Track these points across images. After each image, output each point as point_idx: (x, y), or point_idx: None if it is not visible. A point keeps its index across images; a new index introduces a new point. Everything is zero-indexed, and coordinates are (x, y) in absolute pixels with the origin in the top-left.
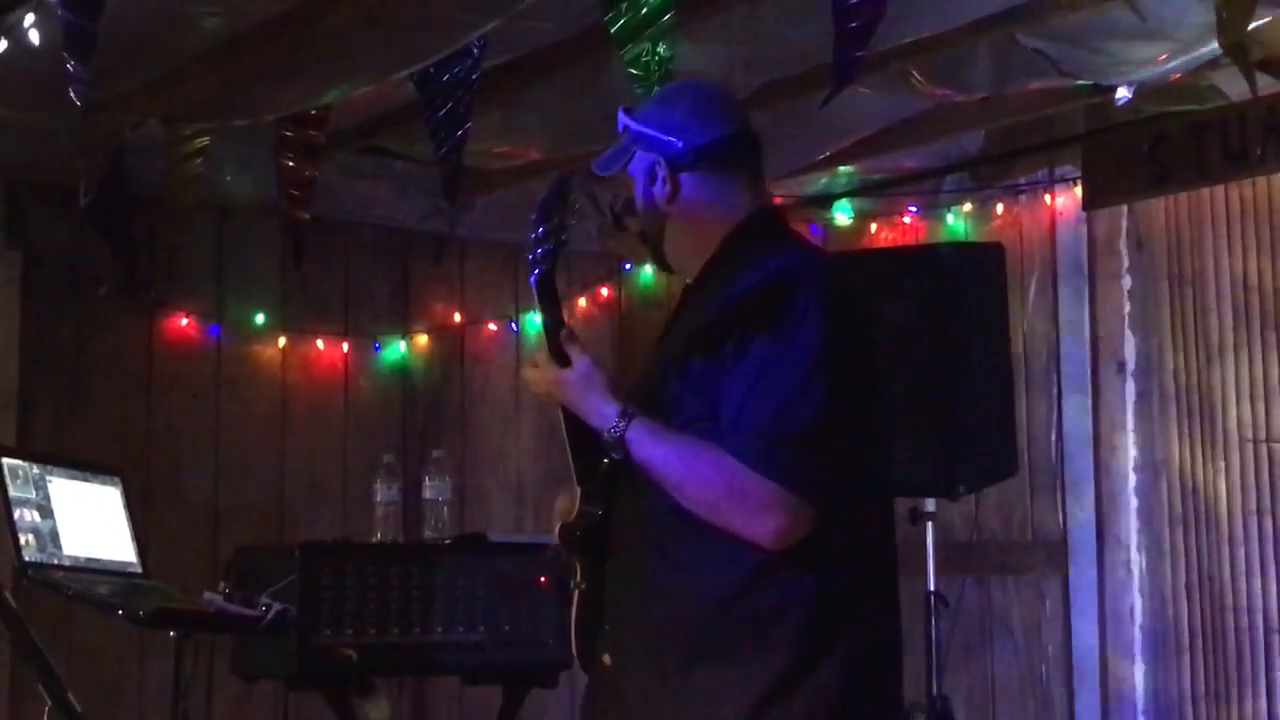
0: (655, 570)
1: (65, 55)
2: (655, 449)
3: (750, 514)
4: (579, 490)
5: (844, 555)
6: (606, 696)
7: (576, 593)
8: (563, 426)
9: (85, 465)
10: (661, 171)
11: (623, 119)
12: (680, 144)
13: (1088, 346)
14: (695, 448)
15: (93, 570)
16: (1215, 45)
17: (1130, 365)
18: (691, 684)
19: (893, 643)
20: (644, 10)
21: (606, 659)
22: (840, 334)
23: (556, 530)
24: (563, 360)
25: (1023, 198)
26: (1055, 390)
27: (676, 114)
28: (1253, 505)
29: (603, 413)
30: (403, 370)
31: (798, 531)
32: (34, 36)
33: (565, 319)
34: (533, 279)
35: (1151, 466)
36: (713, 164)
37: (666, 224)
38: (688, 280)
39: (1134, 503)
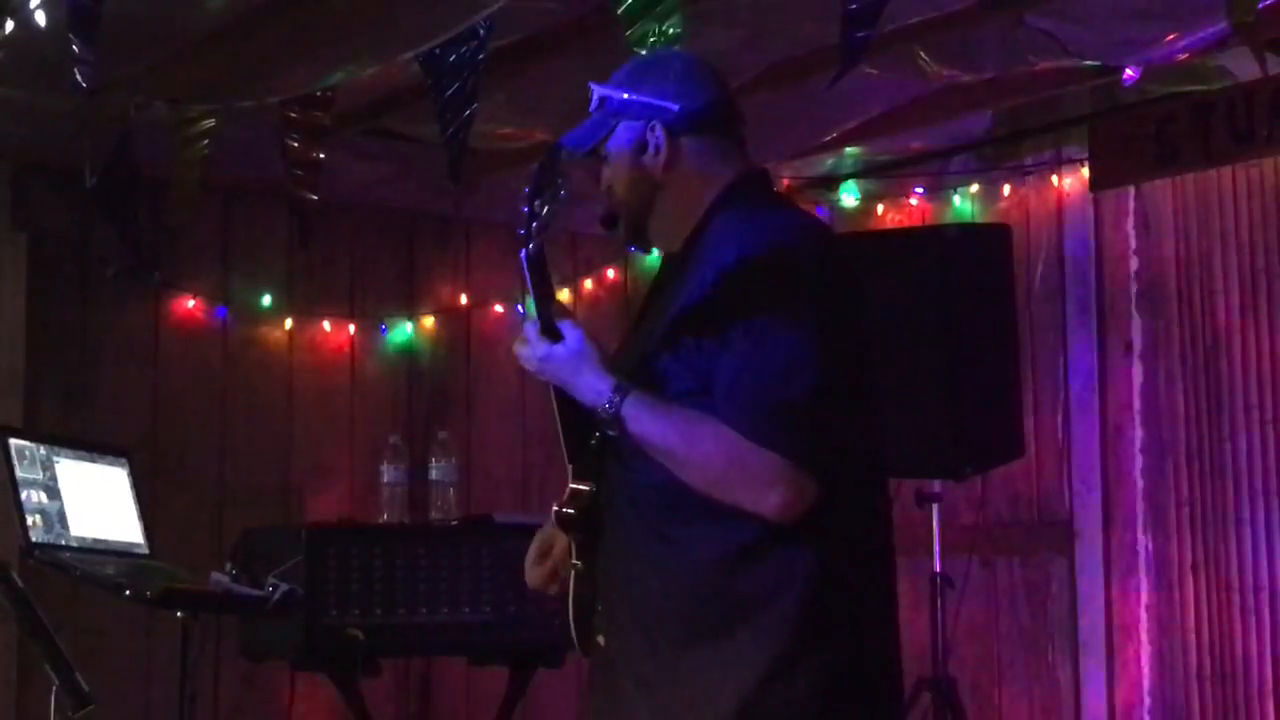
0: (646, 547)
1: (70, 36)
2: (652, 424)
3: (753, 487)
4: (570, 468)
5: (841, 531)
6: (604, 678)
7: (573, 572)
8: (553, 403)
9: (92, 446)
10: (656, 138)
11: (602, 90)
12: (677, 108)
13: (1094, 328)
14: (693, 421)
15: (100, 551)
16: (1223, 25)
17: (1137, 346)
18: (686, 664)
19: (892, 621)
20: None
21: (601, 640)
22: (837, 305)
23: (552, 510)
24: (554, 335)
25: (1029, 179)
26: (1062, 371)
27: (669, 80)
28: (1259, 486)
29: (597, 389)
30: (409, 352)
31: (802, 504)
32: (39, 18)
33: (556, 294)
34: (523, 253)
35: (1158, 448)
36: (706, 128)
37: (656, 196)
38: (669, 253)
39: (1140, 484)
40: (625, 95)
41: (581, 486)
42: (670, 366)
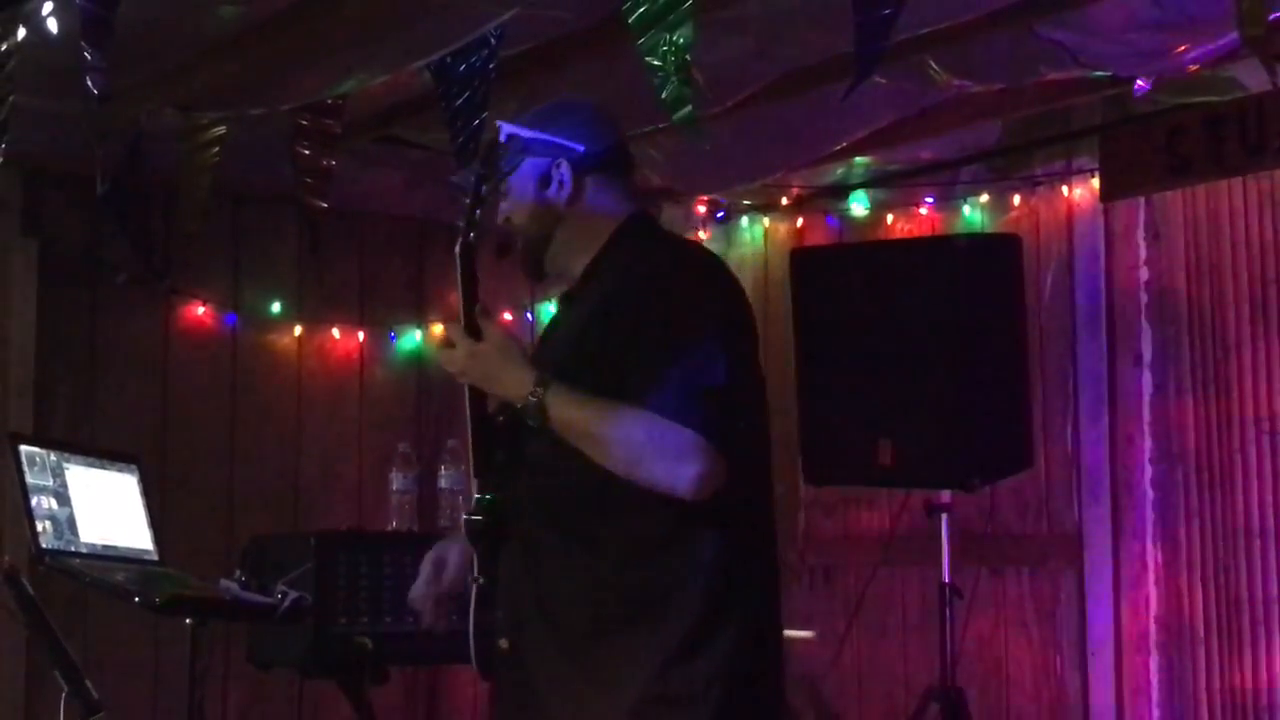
0: (556, 549)
1: (83, 44)
2: (576, 409)
3: (671, 463)
4: (475, 481)
5: (740, 523)
6: (509, 681)
7: (474, 588)
8: (467, 415)
9: (102, 453)
10: (561, 174)
11: (510, 128)
12: (582, 148)
13: (1104, 338)
14: (614, 405)
15: (109, 557)
16: (1235, 36)
17: (1147, 357)
18: (597, 654)
19: (778, 609)
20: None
21: (504, 643)
22: (736, 316)
23: (461, 521)
24: (476, 335)
25: (1040, 189)
26: (1071, 382)
27: (576, 122)
28: (1269, 498)
29: (521, 379)
30: (418, 360)
31: (715, 480)
32: (52, 25)
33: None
34: (459, 246)
35: (1168, 459)
36: (607, 169)
37: (556, 227)
38: (564, 290)
39: (1150, 495)
40: (533, 134)
41: (488, 496)
42: (581, 373)
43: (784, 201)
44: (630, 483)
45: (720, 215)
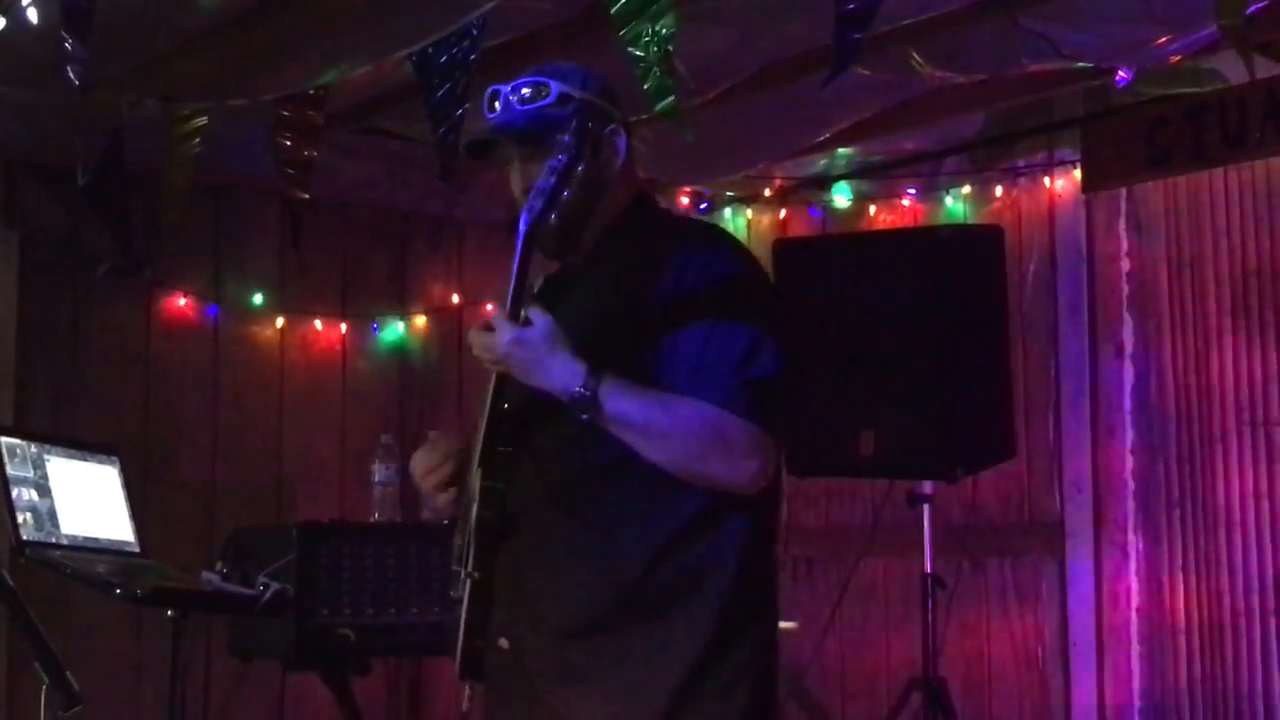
0: (575, 538)
1: (63, 34)
2: (631, 403)
3: (733, 458)
4: (479, 471)
5: (764, 507)
6: (509, 683)
7: (468, 584)
8: (487, 402)
9: (83, 445)
10: (618, 141)
11: (561, 87)
12: (617, 117)
13: (1086, 329)
14: (671, 398)
15: (90, 549)
16: (1215, 28)
17: (1128, 348)
18: (623, 645)
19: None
20: None
21: (503, 643)
22: (773, 293)
23: (473, 512)
24: (520, 323)
25: (1022, 180)
26: (1053, 373)
27: (609, 89)
28: (1250, 489)
29: (571, 370)
30: (401, 351)
31: (770, 473)
32: (32, 15)
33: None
34: (523, 224)
35: (1149, 449)
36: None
37: (601, 198)
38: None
39: (1131, 486)
40: (584, 95)
41: (496, 487)
42: (609, 359)
43: (767, 193)
44: (653, 468)
45: (703, 206)
